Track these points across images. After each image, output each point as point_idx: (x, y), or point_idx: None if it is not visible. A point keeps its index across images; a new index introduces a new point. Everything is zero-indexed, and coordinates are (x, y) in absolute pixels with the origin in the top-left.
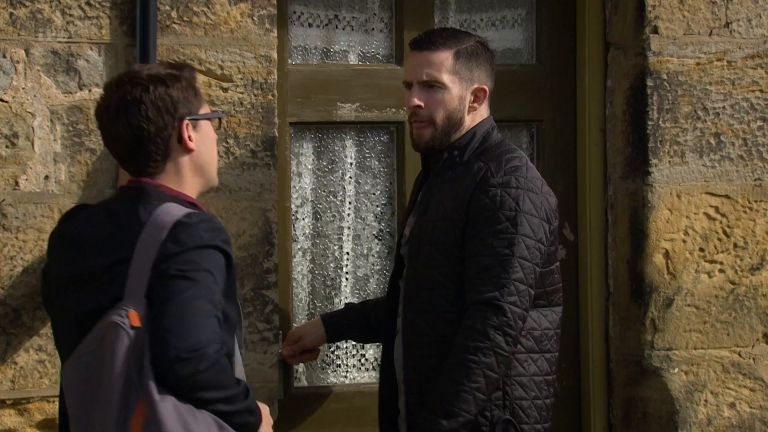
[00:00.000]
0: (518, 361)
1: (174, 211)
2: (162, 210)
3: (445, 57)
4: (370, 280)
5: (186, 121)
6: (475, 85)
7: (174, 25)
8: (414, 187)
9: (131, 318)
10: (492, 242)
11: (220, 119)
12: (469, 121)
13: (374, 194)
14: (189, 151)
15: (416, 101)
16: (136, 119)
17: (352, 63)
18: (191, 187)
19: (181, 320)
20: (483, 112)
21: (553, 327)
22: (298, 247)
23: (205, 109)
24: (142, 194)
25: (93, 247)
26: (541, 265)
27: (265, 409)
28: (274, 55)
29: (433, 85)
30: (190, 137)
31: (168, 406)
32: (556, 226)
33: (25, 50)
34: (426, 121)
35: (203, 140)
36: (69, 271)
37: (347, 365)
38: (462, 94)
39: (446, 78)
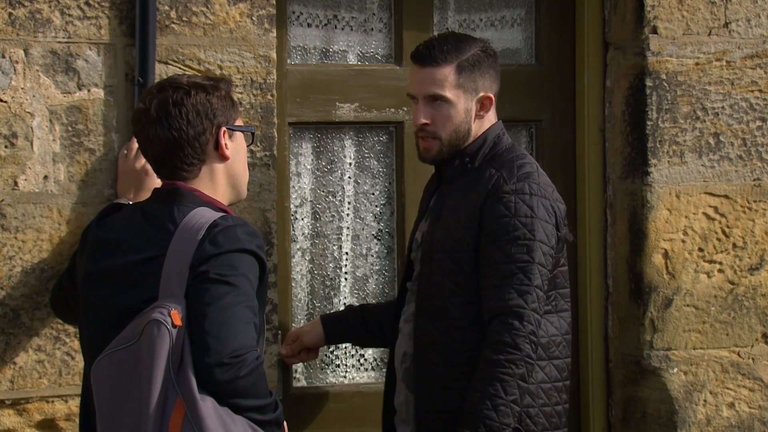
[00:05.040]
0: None
1: (208, 213)
2: (197, 212)
3: (447, 72)
4: (369, 280)
5: (223, 129)
6: (481, 94)
7: (173, 25)
8: (425, 192)
9: (173, 317)
10: (511, 249)
11: (253, 134)
12: (477, 128)
13: (373, 194)
14: (224, 158)
15: (423, 119)
16: (177, 122)
17: (351, 63)
18: (223, 196)
19: (223, 325)
20: (491, 117)
21: (561, 333)
22: (297, 247)
23: (240, 122)
24: (177, 195)
25: (125, 245)
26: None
27: (285, 425)
28: (273, 55)
29: (438, 101)
30: (226, 145)
31: (208, 406)
32: (564, 233)
33: (24, 50)
34: (432, 137)
35: (238, 151)
36: (97, 265)
37: (346, 365)
38: (468, 106)
39: (450, 94)
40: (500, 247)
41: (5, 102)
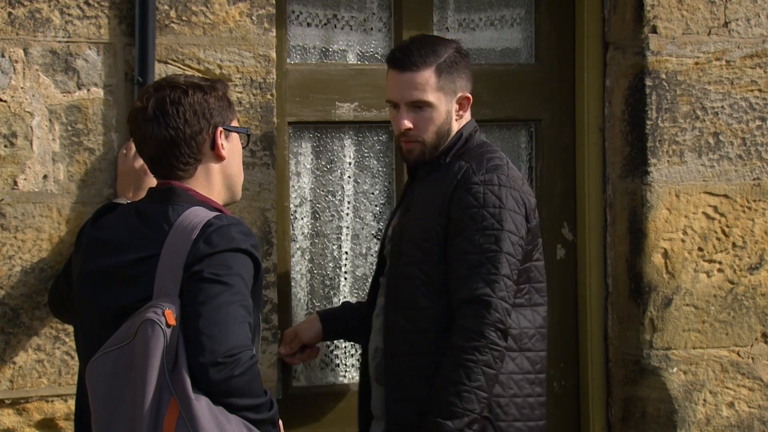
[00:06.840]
0: None
1: (203, 213)
2: (191, 212)
3: (428, 76)
4: (369, 280)
5: (220, 129)
6: (459, 94)
7: (173, 25)
8: (402, 191)
9: (167, 316)
10: (479, 239)
11: (248, 135)
12: (456, 128)
13: (373, 194)
14: (220, 159)
15: (407, 124)
16: (174, 121)
17: (350, 62)
18: (218, 196)
19: (217, 325)
20: (467, 115)
21: (535, 326)
22: (297, 246)
23: (236, 123)
24: (172, 195)
25: (120, 245)
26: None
27: (281, 424)
28: (273, 54)
29: (420, 106)
30: (222, 145)
31: (202, 405)
32: (535, 225)
33: (24, 50)
34: (415, 140)
35: (233, 152)
36: (92, 265)
37: (346, 365)
38: (448, 108)
39: (432, 97)
40: (468, 237)
41: (5, 101)
